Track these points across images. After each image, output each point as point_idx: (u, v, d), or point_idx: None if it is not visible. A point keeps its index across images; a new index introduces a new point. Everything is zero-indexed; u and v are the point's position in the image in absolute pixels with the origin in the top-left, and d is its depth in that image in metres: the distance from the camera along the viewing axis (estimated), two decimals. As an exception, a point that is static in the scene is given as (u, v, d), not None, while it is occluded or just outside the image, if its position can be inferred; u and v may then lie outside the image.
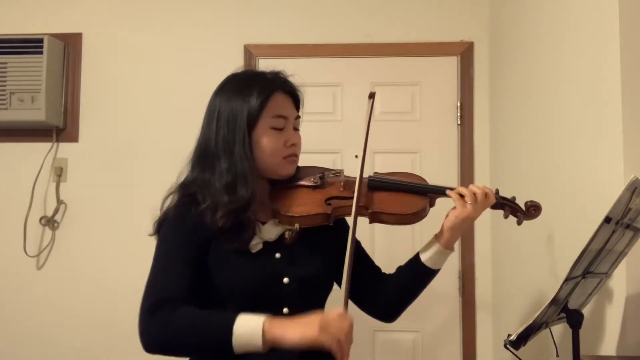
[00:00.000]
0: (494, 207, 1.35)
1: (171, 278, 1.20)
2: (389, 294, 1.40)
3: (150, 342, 1.15)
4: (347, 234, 1.25)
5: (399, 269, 1.40)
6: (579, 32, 1.54)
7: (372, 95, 1.40)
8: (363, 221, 1.34)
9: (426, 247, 1.35)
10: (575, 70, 1.57)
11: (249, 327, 1.08)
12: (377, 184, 1.36)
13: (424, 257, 1.34)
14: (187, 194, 1.28)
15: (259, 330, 1.07)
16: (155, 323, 1.15)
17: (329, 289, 1.38)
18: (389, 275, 1.42)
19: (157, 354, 1.17)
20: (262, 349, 1.08)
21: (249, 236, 1.25)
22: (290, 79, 1.37)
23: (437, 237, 1.34)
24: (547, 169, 1.78)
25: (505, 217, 1.37)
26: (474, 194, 1.29)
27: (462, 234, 1.37)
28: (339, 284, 1.42)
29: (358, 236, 1.44)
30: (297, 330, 1.08)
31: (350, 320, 1.10)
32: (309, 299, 1.30)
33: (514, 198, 1.38)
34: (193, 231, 1.23)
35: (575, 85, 1.57)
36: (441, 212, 1.38)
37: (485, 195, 1.31)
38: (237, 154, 1.26)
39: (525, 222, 1.38)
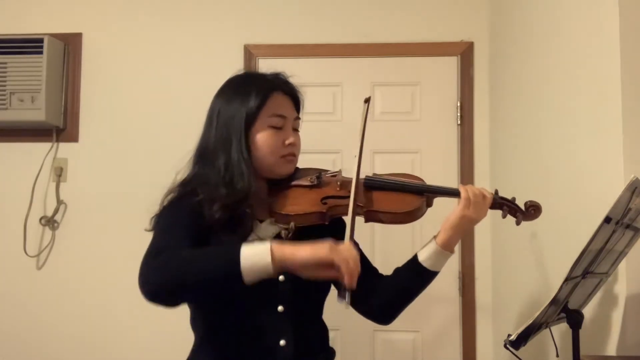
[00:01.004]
0: (492, 207, 1.35)
1: (174, 237, 1.17)
2: (385, 295, 1.39)
3: (152, 282, 1.08)
4: (344, 234, 1.25)
5: (397, 270, 1.39)
6: (579, 32, 1.54)
7: (367, 100, 1.41)
8: (361, 221, 1.34)
9: (424, 248, 1.34)
10: (575, 70, 1.57)
11: (257, 248, 1.06)
12: (374, 184, 1.36)
13: (421, 258, 1.33)
14: (187, 190, 1.29)
15: (267, 249, 1.06)
16: (158, 262, 1.09)
17: (325, 290, 1.37)
18: (387, 276, 1.41)
19: (159, 300, 1.09)
20: (272, 268, 1.05)
21: (245, 231, 1.25)
22: (291, 80, 1.37)
23: (436, 237, 1.33)
24: (547, 169, 1.78)
25: (504, 216, 1.37)
26: (470, 191, 1.30)
27: (461, 236, 1.36)
28: (337, 286, 1.42)
29: (357, 237, 1.44)
30: (307, 248, 1.07)
31: (356, 253, 1.10)
32: (304, 299, 1.30)
33: (513, 199, 1.38)
34: (193, 215, 1.22)
35: (575, 85, 1.57)
36: (441, 213, 1.37)
37: (483, 196, 1.31)
38: (234, 152, 1.27)
39: (524, 223, 1.38)
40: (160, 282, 1.07)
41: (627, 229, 1.15)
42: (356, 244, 1.43)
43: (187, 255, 1.10)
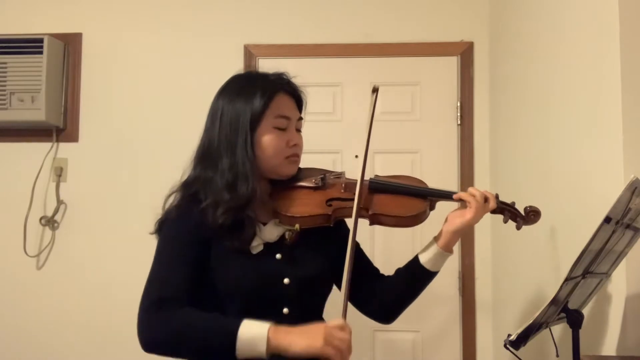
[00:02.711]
0: (493, 212, 1.35)
1: (172, 277, 1.20)
2: (387, 295, 1.40)
3: (149, 341, 1.15)
4: (348, 235, 1.25)
5: (398, 270, 1.40)
6: (579, 32, 1.54)
7: (375, 90, 1.39)
8: (363, 223, 1.34)
9: (425, 249, 1.35)
10: (575, 70, 1.57)
11: (253, 332, 1.09)
12: (378, 186, 1.36)
13: (422, 259, 1.33)
14: (189, 194, 1.29)
15: (263, 336, 1.08)
16: (156, 322, 1.14)
17: (329, 290, 1.39)
18: (388, 276, 1.42)
19: (156, 354, 1.16)
20: (266, 355, 1.08)
21: (249, 235, 1.25)
22: (293, 80, 1.37)
23: (436, 239, 1.34)
24: (547, 169, 1.78)
25: (505, 221, 1.37)
26: (473, 196, 1.30)
27: (461, 237, 1.36)
28: (339, 286, 1.42)
29: (358, 238, 1.44)
30: (302, 341, 1.09)
31: (349, 330, 1.13)
32: (309, 300, 1.31)
33: (513, 203, 1.38)
34: (194, 231, 1.24)
35: (575, 85, 1.57)
36: (441, 215, 1.38)
37: (485, 198, 1.31)
38: (239, 153, 1.26)
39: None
40: (157, 343, 1.14)
41: (627, 229, 1.15)
42: (357, 245, 1.44)
43: (183, 322, 1.13)
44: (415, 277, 1.36)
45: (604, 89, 1.36)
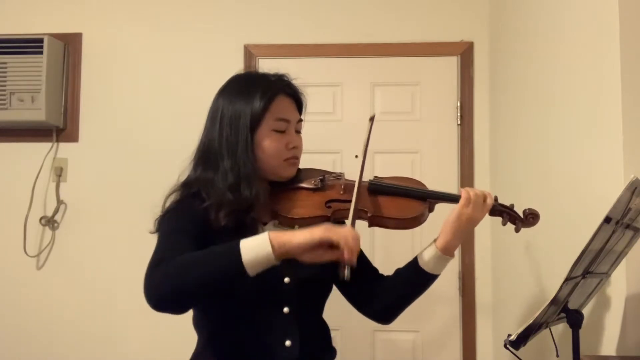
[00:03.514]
0: (492, 214, 1.35)
1: (177, 247, 1.16)
2: (386, 296, 1.39)
3: (156, 292, 1.08)
4: None
5: (398, 271, 1.39)
6: (579, 32, 1.54)
7: (372, 118, 1.41)
8: (362, 225, 1.34)
9: (424, 251, 1.34)
10: (575, 70, 1.57)
11: (255, 240, 1.07)
12: (377, 188, 1.36)
13: (421, 261, 1.33)
14: (190, 193, 1.28)
15: (265, 239, 1.06)
16: (160, 271, 1.09)
17: (328, 290, 1.39)
18: (387, 277, 1.42)
19: (166, 307, 1.09)
20: (274, 256, 1.06)
21: (250, 235, 1.25)
22: (293, 82, 1.37)
23: (436, 241, 1.33)
24: (547, 169, 1.78)
25: (504, 224, 1.37)
26: (474, 195, 1.30)
27: (461, 240, 1.35)
28: (338, 287, 1.42)
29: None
30: (304, 231, 1.08)
31: (357, 233, 1.10)
32: (309, 299, 1.31)
33: (512, 206, 1.38)
34: (195, 224, 1.22)
35: (575, 85, 1.57)
36: (441, 218, 1.37)
37: (484, 196, 1.31)
38: (240, 155, 1.26)
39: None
40: (164, 291, 1.07)
41: (627, 229, 1.15)
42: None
43: (187, 259, 1.09)
44: (414, 279, 1.35)
45: (604, 89, 1.36)
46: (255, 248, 1.06)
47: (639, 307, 1.25)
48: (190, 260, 1.09)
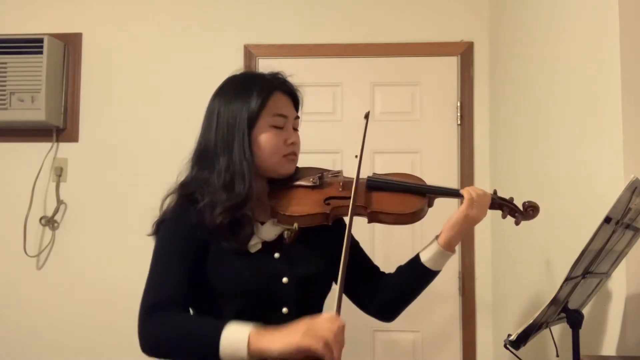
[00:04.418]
0: (492, 207, 1.36)
1: (168, 280, 1.21)
2: (387, 293, 1.40)
3: (146, 345, 1.18)
4: (344, 234, 1.25)
5: (399, 268, 1.40)
6: (579, 31, 1.54)
7: (367, 116, 1.43)
8: (362, 221, 1.34)
9: (426, 248, 1.35)
10: (575, 70, 1.57)
11: (235, 337, 1.09)
12: (376, 184, 1.36)
13: (423, 258, 1.34)
14: (186, 194, 1.29)
15: (244, 341, 1.08)
16: (151, 327, 1.17)
17: (328, 289, 1.39)
18: (388, 274, 1.43)
19: (153, 357, 1.19)
20: (248, 358, 1.08)
21: (247, 234, 1.25)
22: (289, 79, 1.38)
23: (437, 237, 1.34)
24: (547, 169, 1.78)
25: (504, 217, 1.38)
26: (477, 193, 1.31)
27: (462, 236, 1.36)
28: (344, 290, 1.42)
29: (358, 236, 1.44)
30: (281, 338, 1.07)
31: (340, 322, 1.09)
32: (307, 299, 1.31)
33: (511, 199, 1.38)
34: (192, 232, 1.24)
35: (575, 85, 1.57)
36: (441, 213, 1.38)
37: (484, 195, 1.33)
38: (236, 153, 1.27)
39: (524, 222, 1.38)
40: (150, 348, 1.18)
41: (627, 229, 1.15)
42: (356, 243, 1.44)
43: (174, 328, 1.16)
44: (415, 276, 1.36)
45: (604, 89, 1.36)
46: (232, 345, 1.08)
47: (639, 307, 1.25)
48: (177, 329, 1.15)
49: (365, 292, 1.42)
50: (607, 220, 1.04)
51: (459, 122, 2.59)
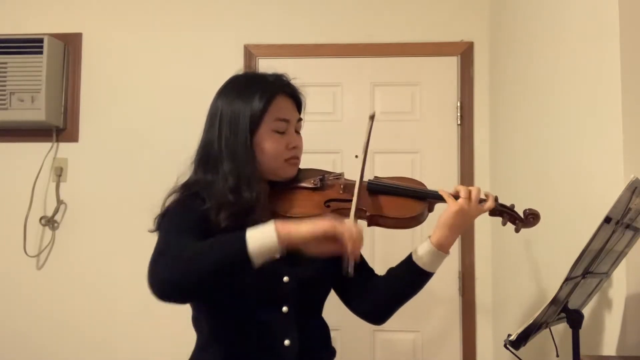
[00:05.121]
0: (492, 214, 1.35)
1: (180, 235, 1.16)
2: (379, 295, 1.38)
3: (161, 279, 1.06)
4: None
5: (390, 270, 1.38)
6: (579, 32, 1.54)
7: (372, 117, 1.39)
8: (362, 224, 1.34)
9: (419, 247, 1.33)
10: (575, 70, 1.57)
11: (261, 228, 1.06)
12: (377, 188, 1.36)
13: (415, 256, 1.32)
14: (190, 193, 1.28)
15: (272, 228, 1.05)
16: (166, 259, 1.08)
17: (328, 290, 1.39)
18: (381, 276, 1.40)
19: (169, 296, 1.08)
20: (279, 245, 1.05)
21: None
22: (292, 81, 1.37)
23: (430, 237, 1.32)
24: (547, 169, 1.78)
25: (504, 224, 1.37)
26: (469, 190, 1.30)
27: (457, 236, 1.34)
28: (336, 289, 1.42)
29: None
30: (309, 222, 1.07)
31: (361, 227, 1.10)
32: (308, 299, 1.31)
33: (512, 206, 1.38)
34: (197, 222, 1.21)
35: (575, 85, 1.57)
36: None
37: (479, 192, 1.31)
38: (240, 157, 1.26)
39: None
40: (170, 279, 1.05)
41: (627, 229, 1.15)
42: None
43: (192, 247, 1.08)
44: (407, 276, 1.33)
45: (604, 89, 1.36)
46: (261, 237, 1.05)
47: (639, 307, 1.25)
48: (195, 249, 1.08)
49: (355, 293, 1.40)
50: (607, 220, 1.04)
51: (459, 122, 2.59)
